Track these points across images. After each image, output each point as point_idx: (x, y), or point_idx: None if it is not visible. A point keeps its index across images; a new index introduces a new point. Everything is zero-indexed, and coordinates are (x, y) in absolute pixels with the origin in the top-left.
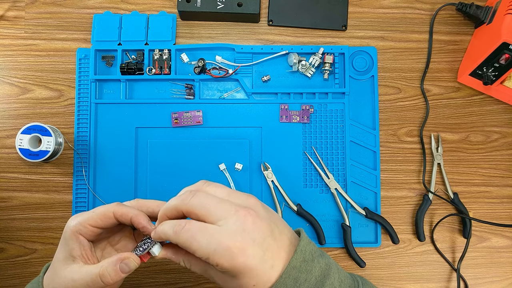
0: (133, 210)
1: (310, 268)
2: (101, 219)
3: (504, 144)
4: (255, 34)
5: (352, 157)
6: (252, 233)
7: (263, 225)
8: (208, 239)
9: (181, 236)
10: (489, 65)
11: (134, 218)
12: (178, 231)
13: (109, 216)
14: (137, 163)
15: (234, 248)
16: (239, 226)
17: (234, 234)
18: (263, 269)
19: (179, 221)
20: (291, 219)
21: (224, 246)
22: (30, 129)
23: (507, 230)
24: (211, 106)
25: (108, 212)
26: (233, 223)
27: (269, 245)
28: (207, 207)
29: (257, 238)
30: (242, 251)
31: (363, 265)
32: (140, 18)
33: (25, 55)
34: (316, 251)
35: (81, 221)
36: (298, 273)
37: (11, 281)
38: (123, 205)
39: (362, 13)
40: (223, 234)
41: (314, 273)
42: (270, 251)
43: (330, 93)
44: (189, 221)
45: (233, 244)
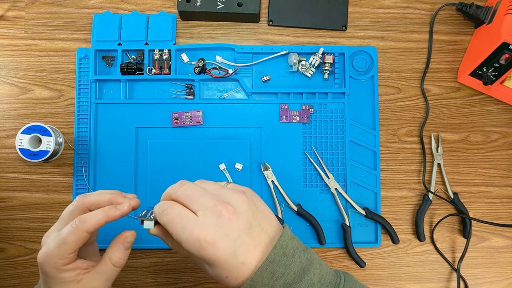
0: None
1: (289, 263)
2: (77, 243)
3: (504, 144)
4: (255, 34)
5: (352, 157)
6: (226, 228)
7: (240, 222)
8: (183, 227)
9: (162, 217)
10: (489, 65)
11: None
12: (160, 212)
13: (84, 236)
14: (137, 163)
15: (204, 241)
16: (214, 220)
17: (207, 227)
18: (232, 264)
19: (164, 203)
20: (291, 219)
21: (194, 237)
22: (30, 129)
23: (507, 230)
24: (211, 106)
25: (81, 234)
26: (209, 217)
27: (244, 241)
28: (190, 198)
29: (231, 234)
30: (212, 244)
31: (363, 265)
32: (140, 18)
33: (25, 55)
34: (298, 246)
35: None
36: (275, 267)
37: (11, 281)
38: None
39: (362, 13)
40: (197, 225)
41: (293, 268)
42: (244, 247)
43: (330, 93)
44: (172, 204)
45: (203, 236)
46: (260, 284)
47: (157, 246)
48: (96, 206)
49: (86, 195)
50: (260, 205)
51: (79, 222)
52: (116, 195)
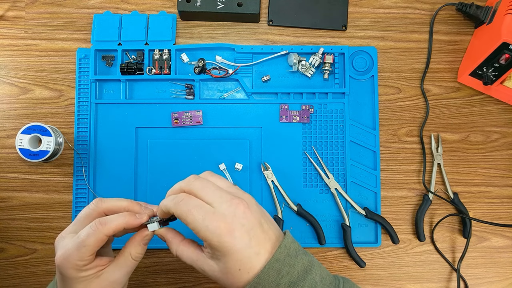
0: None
1: (293, 263)
2: (97, 245)
3: (504, 144)
4: (255, 34)
5: (352, 157)
6: (242, 219)
7: (253, 216)
8: (202, 215)
9: (179, 207)
10: (489, 65)
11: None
12: (177, 202)
13: (103, 239)
14: (137, 163)
15: (224, 227)
16: (231, 211)
17: (225, 216)
18: (248, 254)
19: (179, 195)
20: (291, 219)
21: (215, 224)
22: (30, 129)
23: (507, 230)
24: (211, 106)
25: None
26: (226, 208)
27: (256, 234)
28: (206, 190)
29: (246, 224)
30: (230, 232)
31: (363, 265)
32: (140, 18)
33: (25, 55)
34: (300, 249)
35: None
36: (281, 266)
37: (11, 281)
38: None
39: (362, 13)
40: (216, 214)
41: (297, 267)
42: (257, 239)
43: (330, 93)
44: (188, 196)
45: (223, 224)
46: (267, 282)
47: (157, 246)
48: (112, 212)
49: (104, 199)
50: (262, 209)
51: (99, 225)
52: (133, 204)
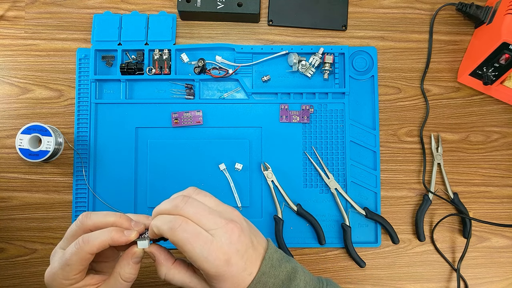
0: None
1: (277, 273)
2: (81, 264)
3: (504, 144)
4: (255, 34)
5: (352, 157)
6: (237, 244)
7: (246, 238)
8: (201, 246)
9: (176, 234)
10: (489, 65)
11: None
12: (174, 228)
13: (87, 258)
14: (137, 163)
15: (222, 258)
16: (227, 238)
17: (223, 245)
18: (242, 276)
19: (176, 218)
20: (291, 219)
21: (214, 256)
22: (30, 129)
23: (507, 230)
24: (211, 106)
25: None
26: (222, 235)
27: (249, 255)
28: (199, 216)
29: (241, 249)
30: (227, 261)
31: (363, 265)
32: (140, 18)
33: (25, 55)
34: (282, 257)
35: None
36: (267, 278)
37: (11, 281)
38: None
39: (362, 13)
40: (215, 244)
41: (281, 277)
42: (250, 260)
43: (330, 93)
44: (185, 221)
45: (222, 254)
46: None
47: None
48: (99, 228)
49: (90, 214)
50: (248, 222)
51: (82, 243)
52: (122, 219)
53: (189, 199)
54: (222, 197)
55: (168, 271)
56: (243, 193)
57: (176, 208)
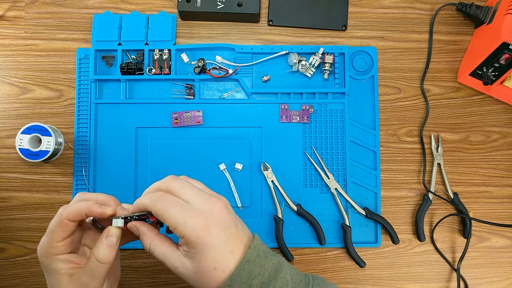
0: (81, 204)
1: (263, 263)
2: (62, 230)
3: (504, 144)
4: (255, 34)
5: (352, 157)
6: (218, 217)
7: (229, 215)
8: (180, 211)
9: (156, 204)
10: (489, 65)
11: (89, 209)
12: (155, 199)
13: (65, 223)
14: (137, 163)
15: (201, 223)
16: (208, 208)
17: (203, 212)
18: (224, 251)
19: (157, 192)
20: (291, 219)
21: (192, 220)
22: (30, 129)
23: (507, 230)
24: (211, 106)
25: (62, 221)
26: (203, 204)
27: (232, 233)
28: (184, 189)
29: (222, 222)
30: (207, 228)
31: (363, 265)
32: (140, 18)
33: (25, 55)
34: (269, 251)
35: (46, 245)
36: (252, 267)
37: (11, 281)
38: (69, 206)
39: (362, 13)
40: (193, 210)
41: (267, 268)
42: (232, 238)
43: (330, 93)
44: (165, 193)
45: (201, 219)
46: (239, 283)
47: None
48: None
49: (67, 206)
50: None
51: (61, 210)
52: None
53: (178, 177)
54: None
55: (152, 241)
56: (243, 193)
57: (163, 183)
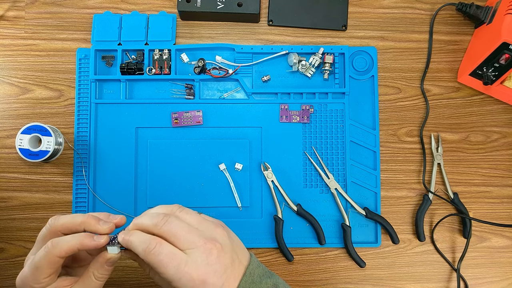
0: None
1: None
2: (49, 267)
3: (504, 144)
4: (255, 34)
5: (352, 157)
6: (215, 265)
7: (226, 257)
8: (175, 268)
9: (150, 257)
10: (489, 65)
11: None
12: (148, 251)
13: (55, 260)
14: (137, 163)
15: (197, 280)
16: (204, 259)
17: (199, 266)
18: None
19: (151, 240)
20: (291, 219)
21: (188, 277)
22: (30, 129)
23: (507, 230)
24: (211, 106)
25: (51, 258)
26: (199, 255)
27: (228, 275)
28: (177, 236)
29: (219, 270)
30: (203, 282)
31: (363, 265)
32: (140, 18)
33: (25, 55)
34: (264, 273)
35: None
36: None
37: (11, 281)
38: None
39: (362, 13)
40: (189, 265)
41: None
42: (228, 280)
43: (330, 93)
44: (160, 243)
45: (197, 276)
46: None
47: None
48: (68, 229)
49: (58, 217)
50: (233, 236)
51: (51, 246)
52: (89, 218)
53: (170, 217)
54: (222, 197)
55: (151, 269)
56: (243, 193)
57: (155, 226)
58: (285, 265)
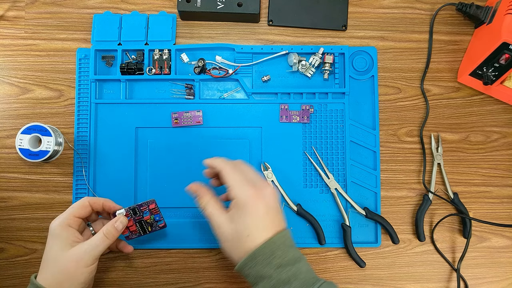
0: (101, 198)
1: (286, 250)
2: (81, 209)
3: (504, 144)
4: (255, 34)
5: (352, 157)
6: (267, 197)
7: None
8: (241, 178)
9: (228, 165)
10: (489, 65)
11: (105, 203)
12: (229, 163)
13: (86, 205)
14: (137, 163)
15: (253, 193)
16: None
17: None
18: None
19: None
20: (291, 219)
21: (247, 187)
22: (30, 129)
23: (507, 230)
24: (211, 106)
25: (84, 203)
26: (260, 183)
27: (273, 213)
28: (251, 171)
29: (268, 201)
30: (256, 198)
31: (363, 265)
32: (140, 18)
33: (25, 55)
34: (294, 245)
35: (67, 216)
36: (276, 249)
37: (11, 281)
38: (92, 197)
39: (362, 13)
40: (251, 183)
41: (289, 255)
42: (270, 218)
43: (330, 93)
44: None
45: (254, 191)
46: (261, 257)
47: (157, 246)
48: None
49: None
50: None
51: (85, 197)
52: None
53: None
54: None
55: (209, 201)
56: None
57: (231, 161)
58: None
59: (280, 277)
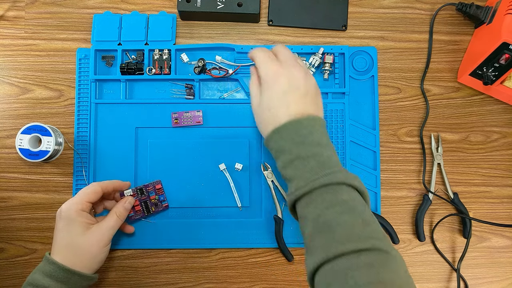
0: (111, 181)
1: (313, 132)
2: (94, 195)
3: (504, 144)
4: (255, 34)
5: (352, 157)
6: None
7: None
8: (267, 60)
9: (258, 51)
10: (489, 65)
11: (115, 184)
12: (260, 50)
13: (98, 191)
14: (137, 163)
15: (274, 70)
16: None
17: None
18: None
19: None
20: (291, 219)
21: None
22: (30, 129)
23: (507, 230)
24: (211, 106)
25: (97, 189)
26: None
27: (295, 94)
28: (285, 54)
29: (292, 83)
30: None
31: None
32: (140, 18)
33: (25, 55)
34: (325, 135)
35: (80, 201)
36: (302, 128)
37: (11, 281)
38: (102, 182)
39: (362, 13)
40: (277, 62)
41: (315, 138)
42: (292, 96)
43: (330, 93)
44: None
45: (275, 68)
46: (285, 132)
47: (157, 246)
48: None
49: None
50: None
51: (95, 182)
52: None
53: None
54: (222, 197)
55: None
56: (243, 193)
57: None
58: (285, 265)
59: (299, 153)
